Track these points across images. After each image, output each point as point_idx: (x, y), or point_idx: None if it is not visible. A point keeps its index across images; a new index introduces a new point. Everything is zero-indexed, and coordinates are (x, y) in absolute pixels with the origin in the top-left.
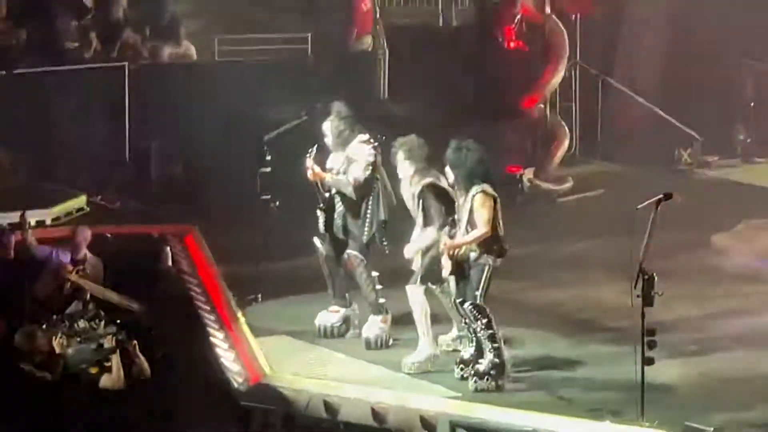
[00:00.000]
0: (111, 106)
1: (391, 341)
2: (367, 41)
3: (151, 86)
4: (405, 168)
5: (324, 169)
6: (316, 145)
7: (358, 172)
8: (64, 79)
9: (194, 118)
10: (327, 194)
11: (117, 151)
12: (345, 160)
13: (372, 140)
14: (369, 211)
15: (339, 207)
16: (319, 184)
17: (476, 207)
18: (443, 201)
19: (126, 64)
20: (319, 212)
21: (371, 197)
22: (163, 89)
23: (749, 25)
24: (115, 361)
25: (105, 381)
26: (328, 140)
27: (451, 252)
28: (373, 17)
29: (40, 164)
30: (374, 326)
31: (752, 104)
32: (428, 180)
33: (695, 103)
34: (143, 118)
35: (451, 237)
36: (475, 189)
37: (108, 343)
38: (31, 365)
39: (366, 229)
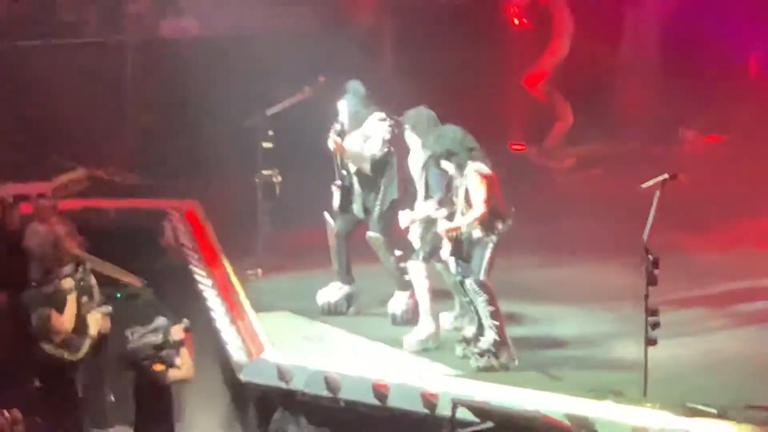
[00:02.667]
0: (112, 80)
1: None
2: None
3: (152, 60)
4: (412, 140)
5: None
6: (339, 119)
7: (375, 148)
8: (65, 53)
9: (196, 92)
10: (344, 171)
11: (118, 125)
12: (362, 137)
13: (388, 118)
14: (382, 188)
15: (356, 185)
16: (338, 159)
17: (471, 186)
18: (447, 174)
19: (127, 38)
20: (334, 188)
21: (386, 174)
22: (165, 63)
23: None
24: (71, 303)
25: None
26: (344, 118)
27: (450, 234)
28: None
29: (41, 138)
30: (400, 301)
31: None
32: (433, 152)
33: (699, 81)
34: (145, 93)
35: (447, 218)
36: (468, 168)
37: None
38: (51, 345)
39: (378, 204)
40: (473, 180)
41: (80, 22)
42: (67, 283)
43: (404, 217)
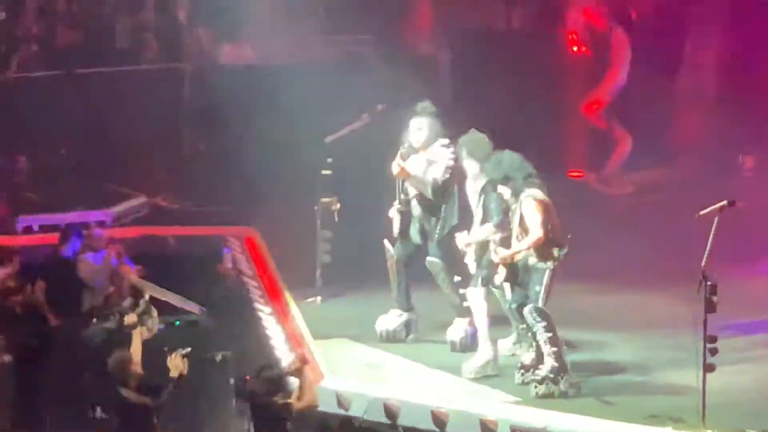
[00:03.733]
0: (171, 107)
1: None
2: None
3: (210, 88)
4: (470, 165)
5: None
6: (407, 143)
7: (438, 173)
8: (123, 80)
9: (254, 119)
10: (403, 196)
11: (176, 153)
12: (425, 162)
13: (451, 144)
14: (443, 214)
15: (416, 210)
16: (399, 184)
17: (526, 212)
18: (504, 199)
19: (184, 65)
20: (395, 214)
21: (446, 200)
22: (223, 91)
23: None
24: (136, 340)
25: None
26: (414, 137)
27: (505, 261)
28: (434, 19)
29: (101, 166)
30: (459, 328)
31: None
32: (491, 176)
33: (759, 108)
34: (203, 120)
35: (502, 243)
36: (524, 194)
37: (129, 319)
38: (129, 390)
39: (438, 230)
40: (528, 205)
41: (139, 49)
42: (131, 318)
43: (461, 239)
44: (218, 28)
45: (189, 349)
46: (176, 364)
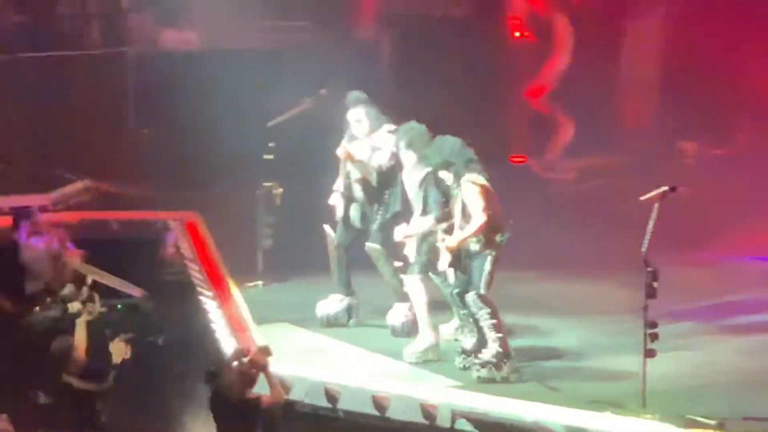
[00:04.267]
0: (113, 92)
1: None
2: (372, 29)
3: (152, 73)
4: (408, 156)
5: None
6: (351, 127)
7: (382, 159)
8: (65, 65)
9: (197, 104)
10: (346, 181)
11: (119, 137)
12: (369, 148)
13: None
14: (386, 200)
15: (359, 195)
16: (344, 168)
17: (467, 197)
18: (443, 189)
19: (127, 50)
20: (337, 198)
21: (391, 187)
22: (165, 76)
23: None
24: (80, 328)
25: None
26: (355, 128)
27: (452, 249)
28: (376, 4)
29: (42, 150)
30: (400, 313)
31: None
32: (430, 168)
33: (700, 94)
34: (146, 105)
35: (446, 232)
36: (464, 179)
37: (73, 307)
38: (74, 377)
39: (379, 216)
40: (469, 190)
41: (81, 34)
42: (75, 306)
43: (399, 232)
44: (160, 14)
45: (131, 334)
46: (119, 349)
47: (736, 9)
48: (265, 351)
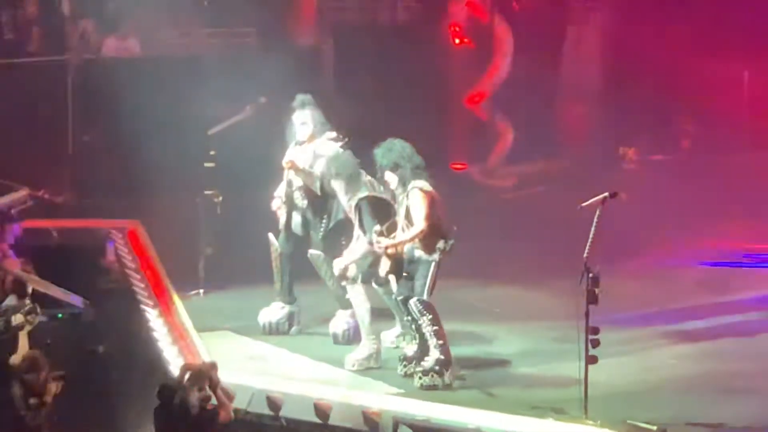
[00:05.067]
0: (53, 100)
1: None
2: (313, 36)
3: (94, 80)
4: (338, 185)
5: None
6: (293, 138)
7: (325, 167)
8: (5, 72)
9: (138, 112)
10: (288, 189)
11: (60, 145)
12: (312, 154)
13: (339, 138)
14: (329, 208)
15: (301, 203)
16: (286, 176)
17: (412, 203)
18: (378, 212)
19: (68, 57)
20: (279, 206)
21: (334, 194)
22: (107, 83)
23: (693, 23)
24: (22, 340)
25: (13, 360)
26: (300, 132)
27: (389, 251)
28: (317, 12)
29: None
30: (342, 321)
31: None
32: (363, 194)
33: (639, 100)
34: (87, 113)
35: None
36: (410, 185)
37: (17, 320)
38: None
39: (323, 225)
40: (415, 197)
41: (22, 41)
42: (18, 318)
43: (339, 263)
44: (102, 21)
45: (62, 372)
46: (50, 389)
47: (676, 14)
48: (215, 367)
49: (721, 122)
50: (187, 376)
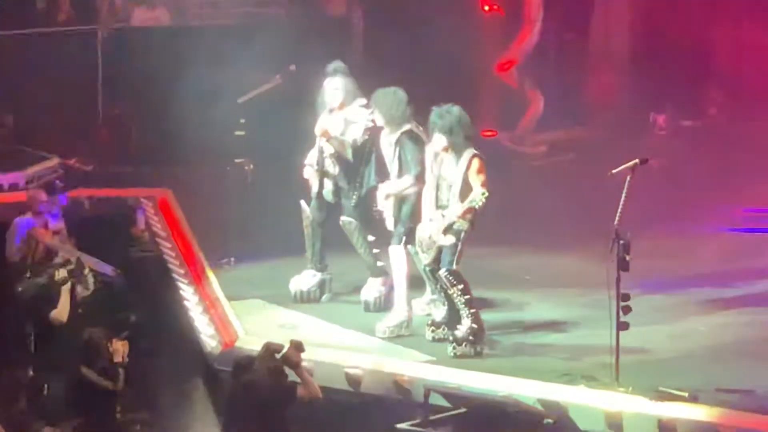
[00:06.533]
0: (83, 69)
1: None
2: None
3: (123, 50)
4: (379, 119)
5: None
6: (324, 104)
7: (357, 133)
8: (36, 43)
9: (168, 82)
10: (320, 156)
11: (90, 114)
12: (343, 122)
13: (369, 105)
14: (362, 175)
15: (333, 170)
16: (319, 143)
17: (474, 170)
18: (421, 148)
19: (97, 27)
20: (311, 174)
21: (366, 161)
22: (136, 53)
23: None
24: (64, 296)
25: (53, 314)
26: (331, 98)
27: (467, 217)
28: None
29: (13, 128)
30: (373, 288)
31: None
32: (406, 127)
33: (670, 67)
34: (117, 82)
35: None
36: (469, 152)
37: (61, 274)
38: (92, 373)
39: (355, 193)
40: (478, 164)
41: (52, 10)
42: (61, 274)
43: (381, 191)
44: None
45: (126, 333)
46: (117, 348)
47: None
48: (299, 347)
49: (750, 88)
50: (261, 353)
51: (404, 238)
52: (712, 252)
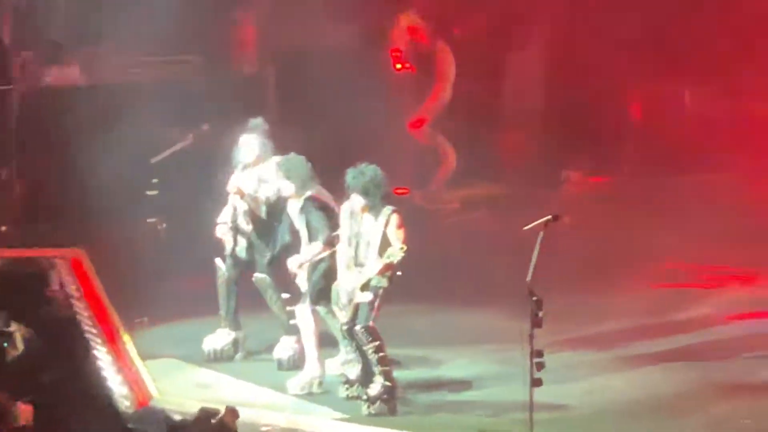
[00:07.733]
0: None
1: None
2: (256, 63)
3: (37, 109)
4: (286, 186)
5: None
6: (238, 161)
7: (270, 191)
8: None
9: (81, 140)
10: (233, 213)
11: (2, 173)
12: (257, 179)
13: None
14: (276, 232)
15: (247, 227)
16: (233, 203)
17: (393, 226)
18: (326, 213)
19: (12, 87)
20: (225, 231)
21: (279, 218)
22: (50, 111)
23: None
24: None
25: None
26: (246, 154)
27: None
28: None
29: None
30: (287, 346)
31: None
32: (309, 192)
33: (582, 124)
34: (30, 141)
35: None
36: (387, 209)
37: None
38: None
39: (269, 250)
40: (396, 221)
41: None
42: None
43: (291, 262)
44: (43, 51)
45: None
46: (21, 412)
47: (617, 39)
48: (234, 413)
49: (662, 144)
50: (197, 417)
51: (312, 297)
52: (628, 308)
